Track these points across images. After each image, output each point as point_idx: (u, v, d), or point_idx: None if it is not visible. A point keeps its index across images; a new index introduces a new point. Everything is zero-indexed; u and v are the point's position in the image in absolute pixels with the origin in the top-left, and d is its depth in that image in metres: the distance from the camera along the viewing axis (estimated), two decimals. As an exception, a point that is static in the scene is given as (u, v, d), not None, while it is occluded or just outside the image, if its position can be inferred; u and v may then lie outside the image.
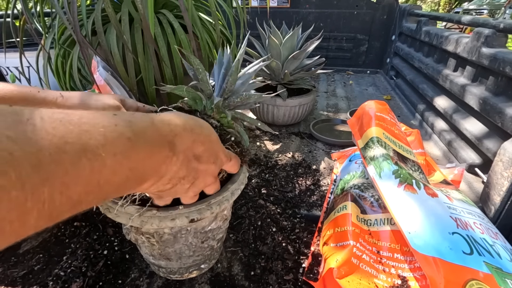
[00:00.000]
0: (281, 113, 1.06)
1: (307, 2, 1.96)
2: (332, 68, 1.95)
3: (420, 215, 0.44)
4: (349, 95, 1.59)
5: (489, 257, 0.40)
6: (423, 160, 0.68)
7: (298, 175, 0.83)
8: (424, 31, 1.33)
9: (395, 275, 0.42)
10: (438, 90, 1.14)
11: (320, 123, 1.15)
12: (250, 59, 1.13)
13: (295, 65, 1.04)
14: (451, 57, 1.07)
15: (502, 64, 0.74)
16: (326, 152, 0.96)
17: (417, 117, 1.22)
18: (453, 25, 4.36)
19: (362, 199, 0.54)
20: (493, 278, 0.37)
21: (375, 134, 0.58)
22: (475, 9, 6.88)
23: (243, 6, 0.92)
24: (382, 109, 0.65)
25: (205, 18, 0.86)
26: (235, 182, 0.43)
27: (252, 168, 0.86)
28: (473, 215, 0.48)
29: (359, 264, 0.44)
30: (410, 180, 0.49)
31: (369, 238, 0.48)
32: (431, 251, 0.39)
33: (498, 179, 0.58)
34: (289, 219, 0.67)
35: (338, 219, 0.53)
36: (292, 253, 0.58)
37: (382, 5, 1.87)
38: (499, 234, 0.47)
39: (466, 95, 0.88)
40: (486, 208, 0.61)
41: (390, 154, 0.55)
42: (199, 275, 0.53)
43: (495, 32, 0.84)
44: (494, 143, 0.73)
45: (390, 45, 1.88)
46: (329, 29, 1.99)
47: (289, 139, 1.05)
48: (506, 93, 0.75)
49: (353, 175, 0.63)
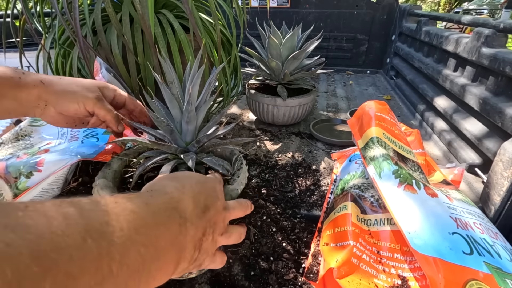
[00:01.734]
0: (281, 113, 1.06)
1: (307, 2, 1.96)
2: (332, 68, 1.94)
3: (420, 215, 0.44)
4: (349, 95, 1.59)
5: (489, 257, 0.40)
6: (423, 160, 0.68)
7: (298, 175, 0.83)
8: (424, 31, 1.33)
9: (395, 275, 0.42)
10: (438, 90, 1.14)
11: (320, 123, 1.15)
12: (250, 59, 1.13)
13: (295, 65, 1.04)
14: (451, 57, 1.07)
15: (502, 64, 0.74)
16: (326, 152, 0.96)
17: (417, 117, 1.22)
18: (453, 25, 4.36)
19: (362, 199, 0.54)
20: (493, 278, 0.37)
21: (375, 134, 0.58)
22: (475, 9, 6.88)
23: (243, 6, 0.92)
24: (382, 109, 0.65)
25: (205, 18, 0.86)
26: (235, 182, 0.43)
27: (252, 168, 0.86)
28: (473, 215, 0.48)
29: (359, 264, 0.44)
30: (410, 180, 0.49)
31: (369, 238, 0.48)
32: (431, 251, 0.39)
33: (498, 179, 0.58)
34: (289, 219, 0.67)
35: (338, 219, 0.52)
36: (292, 253, 0.58)
37: (382, 5, 1.87)
38: (499, 234, 0.47)
39: (466, 95, 0.88)
40: (486, 208, 0.61)
41: (390, 154, 0.55)
42: (199, 275, 0.53)
43: (495, 32, 0.84)
44: (494, 143, 0.73)
45: (390, 45, 1.88)
46: (329, 29, 1.99)
47: (289, 139, 1.05)
48: (506, 93, 0.75)
49: (353, 175, 0.63)
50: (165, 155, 0.45)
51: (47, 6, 0.89)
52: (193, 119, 0.42)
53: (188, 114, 0.41)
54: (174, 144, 0.45)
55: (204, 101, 0.44)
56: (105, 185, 0.42)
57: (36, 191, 0.59)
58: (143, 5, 0.59)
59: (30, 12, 0.78)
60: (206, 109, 0.45)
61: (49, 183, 0.61)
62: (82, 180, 0.74)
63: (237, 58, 0.94)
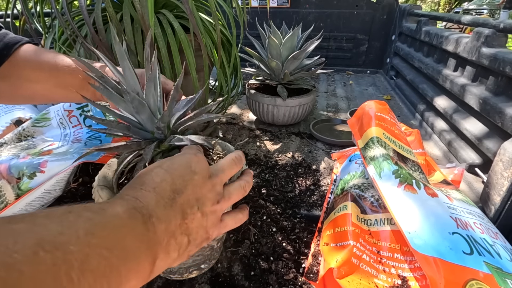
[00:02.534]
0: (281, 113, 1.06)
1: (307, 2, 1.96)
2: (332, 68, 1.95)
3: (420, 215, 0.44)
4: (349, 95, 1.59)
5: (489, 257, 0.40)
6: (423, 160, 0.68)
7: (298, 175, 0.83)
8: (424, 31, 1.33)
9: (395, 275, 0.42)
10: (438, 90, 1.14)
11: (320, 123, 1.15)
12: (250, 59, 1.13)
13: (295, 65, 1.04)
14: (451, 57, 1.07)
15: (502, 64, 0.74)
16: (326, 152, 0.96)
17: (417, 117, 1.22)
18: (453, 25, 4.36)
19: (362, 199, 0.54)
20: (493, 278, 0.37)
21: (375, 134, 0.58)
22: (475, 9, 6.88)
23: (243, 6, 0.92)
24: (382, 109, 0.65)
25: (205, 18, 0.86)
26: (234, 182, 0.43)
27: (252, 168, 0.86)
28: (473, 215, 0.48)
29: (359, 264, 0.44)
30: (410, 180, 0.49)
31: (369, 238, 0.48)
32: (431, 251, 0.39)
33: (498, 179, 0.58)
34: (289, 219, 0.67)
35: (338, 219, 0.52)
36: (292, 253, 0.58)
37: (382, 5, 1.87)
38: (499, 234, 0.47)
39: (466, 95, 0.88)
40: (486, 208, 0.61)
41: (390, 154, 0.55)
42: (199, 275, 0.53)
43: (495, 32, 0.84)
44: (494, 143, 0.73)
45: (390, 45, 1.88)
46: (329, 29, 1.99)
47: (289, 139, 1.05)
48: (506, 93, 0.75)
49: (353, 175, 0.63)
50: (135, 152, 0.41)
51: (47, 6, 0.89)
52: (141, 106, 0.36)
53: (132, 104, 0.35)
54: (140, 138, 0.40)
55: (148, 81, 0.37)
56: (105, 185, 0.42)
57: (38, 192, 0.59)
58: (143, 5, 0.59)
59: (30, 12, 0.78)
60: (152, 90, 0.38)
61: (52, 184, 0.61)
62: (82, 180, 0.74)
63: (237, 58, 0.94)
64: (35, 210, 0.18)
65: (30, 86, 0.45)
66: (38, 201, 0.61)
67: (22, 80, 0.44)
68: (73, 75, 0.44)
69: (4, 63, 0.42)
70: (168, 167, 0.29)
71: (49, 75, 0.44)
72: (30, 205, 0.59)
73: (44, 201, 0.63)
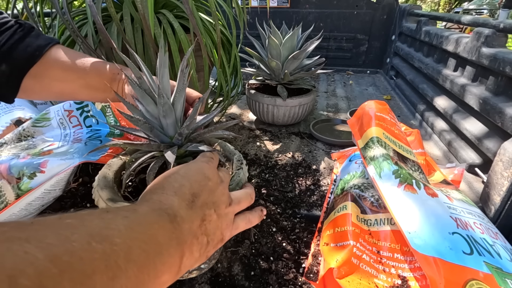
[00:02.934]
0: (281, 113, 1.06)
1: (307, 2, 1.96)
2: (332, 68, 1.95)
3: (420, 215, 0.44)
4: (349, 95, 1.59)
5: (489, 257, 0.40)
6: (423, 160, 0.68)
7: (298, 175, 0.83)
8: (424, 31, 1.33)
9: (395, 275, 0.42)
10: (438, 90, 1.14)
11: (320, 123, 1.15)
12: (250, 59, 1.13)
13: (295, 65, 1.04)
14: (451, 57, 1.07)
15: (502, 64, 0.74)
16: (326, 152, 0.96)
17: (417, 117, 1.22)
18: (453, 25, 4.36)
19: (362, 199, 0.54)
20: (493, 278, 0.37)
21: (375, 134, 0.58)
22: (475, 9, 6.87)
23: (243, 6, 0.92)
24: (382, 109, 0.65)
25: (205, 18, 0.86)
26: (234, 182, 0.43)
27: (252, 168, 0.86)
28: (473, 215, 0.48)
29: (359, 264, 0.44)
30: (410, 180, 0.49)
31: (369, 238, 0.48)
32: (431, 251, 0.39)
33: (498, 179, 0.58)
34: (289, 219, 0.67)
35: (338, 219, 0.53)
36: (292, 253, 0.58)
37: (382, 5, 1.87)
38: (499, 234, 0.47)
39: (466, 95, 0.88)
40: (486, 208, 0.61)
41: (390, 154, 0.55)
42: (199, 275, 0.53)
43: (495, 32, 0.84)
44: (494, 143, 0.73)
45: (390, 45, 1.88)
46: (329, 29, 1.99)
47: (289, 139, 1.05)
48: (506, 93, 0.75)
49: (353, 175, 0.63)
50: (151, 153, 0.43)
51: (47, 6, 0.89)
52: (170, 111, 0.40)
53: (162, 108, 0.38)
54: (158, 140, 0.43)
55: (180, 91, 0.41)
56: (105, 185, 0.42)
57: (38, 192, 0.59)
58: (144, 5, 0.59)
59: (30, 12, 0.78)
60: (182, 99, 0.42)
61: (52, 184, 0.61)
62: (82, 180, 0.74)
63: (237, 58, 0.94)
64: (73, 212, 0.21)
65: (58, 85, 0.48)
66: (38, 201, 0.61)
67: (51, 79, 0.47)
68: (100, 78, 0.47)
69: (36, 63, 0.44)
70: (185, 173, 0.31)
71: (77, 76, 0.47)
72: (30, 205, 0.59)
73: (44, 201, 0.63)
